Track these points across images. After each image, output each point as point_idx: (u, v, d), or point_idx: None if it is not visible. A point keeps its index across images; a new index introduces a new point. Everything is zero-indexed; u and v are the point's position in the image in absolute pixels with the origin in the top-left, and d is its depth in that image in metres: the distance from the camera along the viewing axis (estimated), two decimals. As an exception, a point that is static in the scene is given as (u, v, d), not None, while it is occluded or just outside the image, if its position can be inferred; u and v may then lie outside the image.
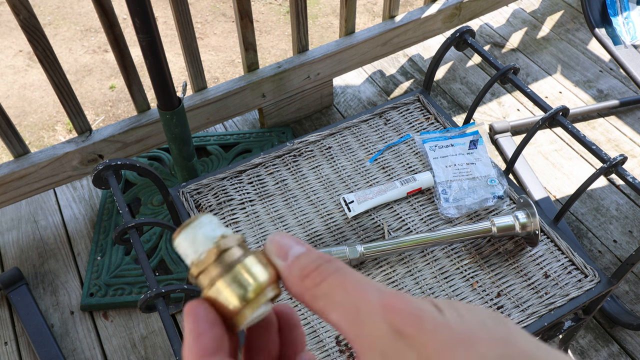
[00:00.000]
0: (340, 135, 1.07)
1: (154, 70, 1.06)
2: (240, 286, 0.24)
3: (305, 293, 0.23)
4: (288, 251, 0.24)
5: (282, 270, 0.24)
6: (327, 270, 0.22)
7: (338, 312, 0.21)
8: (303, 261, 0.23)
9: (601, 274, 0.86)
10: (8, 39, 2.21)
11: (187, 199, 0.97)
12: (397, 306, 0.20)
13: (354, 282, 0.21)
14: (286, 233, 0.26)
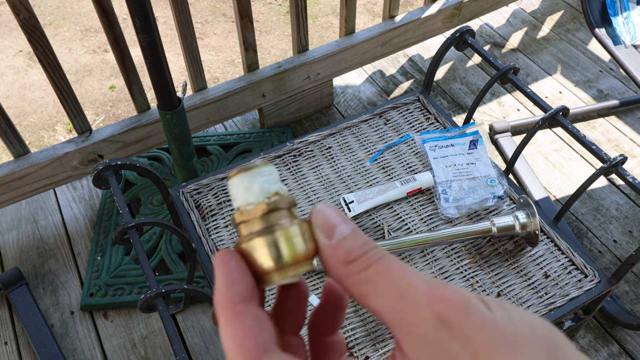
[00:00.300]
0: (340, 135, 1.07)
1: (154, 70, 1.06)
2: (276, 251, 0.23)
3: (347, 277, 0.22)
4: (334, 229, 0.23)
5: (325, 249, 0.23)
6: (374, 256, 0.22)
7: (381, 299, 0.21)
8: (350, 244, 0.22)
9: (601, 274, 0.86)
10: (8, 39, 2.21)
11: (187, 199, 0.97)
12: (445, 295, 0.19)
13: (400, 270, 0.21)
14: (333, 206, 0.24)
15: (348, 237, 0.22)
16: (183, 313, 1.25)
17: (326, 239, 0.23)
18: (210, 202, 0.97)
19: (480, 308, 0.19)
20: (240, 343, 0.21)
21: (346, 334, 0.82)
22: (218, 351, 1.19)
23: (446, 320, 0.19)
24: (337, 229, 0.23)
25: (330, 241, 0.23)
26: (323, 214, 0.23)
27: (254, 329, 0.21)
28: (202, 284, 1.25)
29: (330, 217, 0.23)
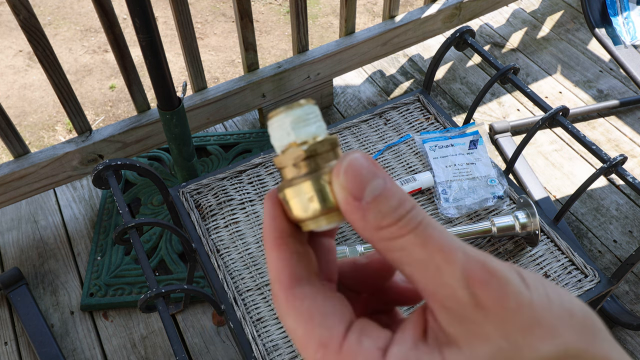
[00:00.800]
0: (340, 135, 1.07)
1: (154, 70, 1.06)
2: (306, 202, 0.22)
3: (379, 242, 0.20)
4: (365, 188, 0.20)
5: (352, 212, 0.21)
6: (410, 223, 0.20)
7: (414, 267, 0.20)
8: (383, 207, 0.20)
9: (601, 274, 0.86)
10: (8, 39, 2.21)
11: (187, 199, 0.97)
12: (482, 279, 0.18)
13: (437, 240, 0.19)
14: (363, 154, 0.21)
15: (380, 198, 0.20)
16: (183, 313, 1.25)
17: (354, 200, 0.20)
18: (210, 202, 0.97)
19: (518, 288, 0.18)
20: (276, 273, 0.22)
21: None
22: (218, 351, 1.20)
23: (482, 302, 0.18)
24: (369, 187, 0.20)
25: (359, 203, 0.20)
26: (352, 168, 0.21)
27: (290, 261, 0.22)
28: (202, 284, 1.25)
29: (360, 171, 0.21)
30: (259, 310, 0.85)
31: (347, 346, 0.20)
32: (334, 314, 0.21)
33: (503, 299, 0.18)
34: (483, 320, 0.18)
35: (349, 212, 0.21)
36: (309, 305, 0.21)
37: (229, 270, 0.89)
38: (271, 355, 0.80)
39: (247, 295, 0.86)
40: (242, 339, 0.81)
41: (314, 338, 0.20)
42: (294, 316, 0.21)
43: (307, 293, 0.21)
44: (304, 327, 0.21)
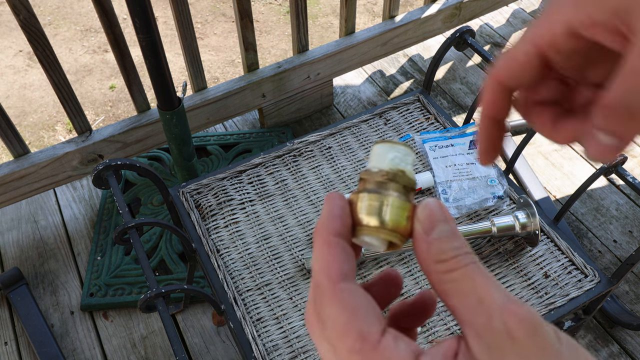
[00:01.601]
0: (340, 135, 1.07)
1: (154, 70, 1.06)
2: (378, 209, 0.26)
3: (434, 273, 0.24)
4: (435, 227, 0.24)
5: (420, 242, 0.24)
6: (463, 261, 0.23)
7: (459, 299, 0.22)
8: (444, 246, 0.24)
9: (601, 274, 0.86)
10: (8, 39, 2.21)
11: (187, 199, 0.97)
12: (518, 312, 0.21)
13: (484, 279, 0.22)
14: (441, 203, 0.26)
15: (444, 238, 0.24)
16: (183, 313, 1.25)
17: (425, 234, 0.24)
18: (210, 202, 0.97)
19: (549, 335, 0.21)
20: (326, 265, 0.24)
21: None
22: (218, 351, 1.20)
23: (512, 333, 0.20)
24: (437, 228, 0.24)
25: (427, 237, 0.24)
26: (429, 208, 0.25)
27: (340, 258, 0.24)
28: (202, 284, 1.25)
29: (434, 213, 0.25)
30: (259, 310, 0.85)
31: (384, 343, 0.22)
32: (374, 313, 0.23)
33: (533, 336, 0.20)
34: (510, 350, 0.20)
35: (417, 240, 0.25)
36: (355, 300, 0.23)
37: (229, 270, 0.89)
38: (271, 355, 0.80)
39: (247, 295, 0.86)
40: (242, 339, 0.81)
41: (355, 329, 0.22)
42: (339, 307, 0.23)
43: (352, 289, 0.23)
44: (346, 318, 0.22)
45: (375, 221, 0.25)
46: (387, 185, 0.26)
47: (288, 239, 0.92)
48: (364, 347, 0.22)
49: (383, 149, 0.27)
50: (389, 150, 0.27)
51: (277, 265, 0.89)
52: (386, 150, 0.27)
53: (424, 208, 0.25)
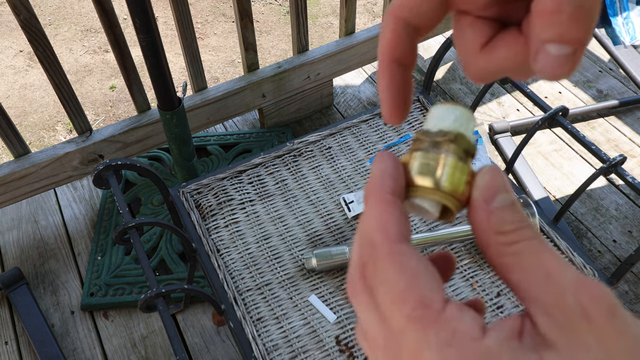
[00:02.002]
0: (340, 135, 1.07)
1: (154, 70, 1.07)
2: (432, 169, 0.23)
3: (493, 245, 0.22)
4: (496, 195, 0.22)
5: (479, 211, 0.22)
6: (527, 234, 0.21)
7: (522, 274, 0.21)
8: (506, 217, 0.22)
9: (601, 274, 0.87)
10: (8, 39, 2.21)
11: (187, 199, 0.97)
12: (595, 292, 0.19)
13: (550, 253, 0.20)
14: (501, 171, 0.23)
15: (506, 208, 0.22)
16: (183, 313, 1.25)
17: (484, 203, 0.22)
18: (210, 202, 0.97)
19: (627, 318, 0.19)
20: (384, 225, 0.22)
21: (345, 333, 0.82)
22: (218, 351, 1.20)
23: (589, 313, 0.19)
24: (499, 196, 0.22)
25: (487, 205, 0.22)
26: (490, 175, 0.23)
27: (399, 219, 0.22)
28: (202, 284, 1.25)
29: (495, 180, 0.22)
30: (259, 310, 0.85)
31: (449, 312, 0.20)
32: (436, 280, 0.21)
33: (612, 318, 0.19)
34: (586, 331, 0.19)
35: (475, 209, 0.22)
36: (416, 264, 0.21)
37: (229, 270, 0.89)
38: (271, 355, 0.80)
39: (247, 295, 0.86)
40: (242, 338, 0.81)
41: (416, 295, 0.20)
42: (398, 269, 0.21)
43: (412, 252, 0.21)
44: (406, 282, 0.20)
45: (429, 182, 0.23)
46: (446, 146, 0.23)
47: (288, 239, 0.93)
48: (426, 314, 0.20)
49: (444, 110, 0.25)
50: (451, 112, 0.24)
51: (277, 265, 0.90)
52: (448, 112, 0.24)
53: (485, 174, 0.23)
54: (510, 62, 0.23)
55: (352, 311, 0.84)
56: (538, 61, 0.21)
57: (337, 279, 0.88)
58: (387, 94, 0.24)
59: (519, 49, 0.23)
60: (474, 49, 0.24)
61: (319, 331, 0.82)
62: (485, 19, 0.24)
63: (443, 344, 0.19)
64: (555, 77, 0.21)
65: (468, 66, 0.24)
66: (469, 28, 0.24)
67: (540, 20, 0.20)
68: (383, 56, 0.24)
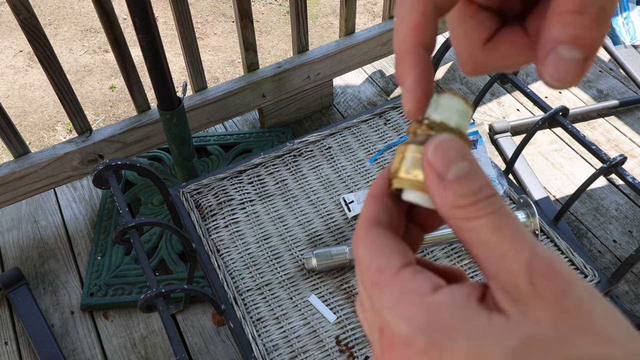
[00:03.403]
0: (340, 135, 1.07)
1: (154, 70, 1.07)
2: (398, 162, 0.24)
3: (452, 220, 0.21)
4: (450, 166, 0.21)
5: (433, 188, 0.21)
6: (485, 209, 0.20)
7: (481, 250, 0.20)
8: (462, 189, 0.20)
9: (601, 274, 0.86)
10: (8, 39, 2.21)
11: (187, 199, 0.97)
12: (545, 272, 0.19)
13: (509, 229, 0.20)
14: (455, 138, 0.22)
15: (462, 180, 0.21)
16: (183, 313, 1.25)
17: (437, 177, 0.21)
18: (210, 202, 0.97)
19: (582, 294, 0.19)
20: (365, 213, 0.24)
21: (346, 333, 0.82)
22: (218, 351, 1.20)
23: (541, 293, 0.19)
24: (453, 167, 0.21)
25: (441, 180, 0.21)
26: (441, 146, 0.22)
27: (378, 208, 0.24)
28: (202, 284, 1.25)
29: (447, 150, 0.21)
30: (259, 310, 0.85)
31: (402, 274, 0.21)
32: (397, 251, 0.22)
33: (562, 296, 0.19)
34: (538, 307, 0.19)
35: (430, 187, 0.22)
36: (380, 241, 0.23)
37: (229, 270, 0.89)
38: (271, 355, 0.80)
39: (247, 295, 0.86)
40: (242, 339, 0.81)
41: (375, 264, 0.22)
42: (366, 247, 0.23)
43: (381, 233, 0.23)
44: (370, 256, 0.22)
45: (413, 174, 0.23)
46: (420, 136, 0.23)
47: (288, 239, 0.92)
48: (381, 278, 0.21)
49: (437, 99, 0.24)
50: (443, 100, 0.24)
51: (277, 265, 0.90)
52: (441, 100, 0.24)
53: (434, 146, 0.22)
54: (512, 60, 0.23)
55: (352, 311, 0.84)
56: (547, 64, 0.20)
57: (337, 279, 0.88)
58: (418, 84, 0.23)
59: (522, 49, 0.22)
60: (477, 44, 0.23)
61: (319, 331, 0.82)
62: (488, 12, 0.23)
63: (394, 302, 0.21)
64: (561, 82, 0.20)
65: (467, 60, 0.24)
66: (471, 20, 0.23)
67: (559, 20, 0.20)
68: (409, 40, 0.23)
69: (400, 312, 0.20)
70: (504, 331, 0.19)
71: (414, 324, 0.20)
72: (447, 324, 0.19)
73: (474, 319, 0.19)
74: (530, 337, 0.19)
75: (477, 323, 0.19)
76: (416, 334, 0.20)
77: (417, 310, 0.20)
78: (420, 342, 0.20)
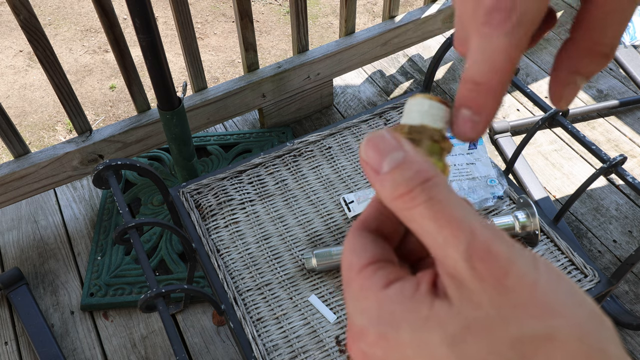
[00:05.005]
0: (340, 135, 1.07)
1: (154, 70, 1.07)
2: None
3: (396, 212, 0.21)
4: (383, 159, 0.21)
5: (373, 183, 0.22)
6: (419, 197, 0.20)
7: (426, 239, 0.21)
8: (397, 178, 0.21)
9: (601, 274, 0.86)
10: (8, 39, 2.21)
11: (187, 199, 0.97)
12: (483, 256, 0.19)
13: (446, 215, 0.20)
14: (389, 131, 0.22)
15: (396, 170, 0.21)
16: (183, 313, 1.25)
17: (373, 173, 0.21)
18: (210, 202, 0.97)
19: (523, 269, 0.19)
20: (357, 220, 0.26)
21: (346, 333, 0.82)
22: (218, 351, 1.20)
23: (481, 275, 0.19)
24: (386, 159, 0.21)
25: (377, 175, 0.21)
26: (371, 142, 0.22)
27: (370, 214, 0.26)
28: (202, 284, 1.25)
29: (378, 143, 0.22)
30: (259, 310, 0.85)
31: (364, 272, 0.23)
32: (369, 250, 0.24)
33: (502, 276, 0.19)
34: (479, 290, 0.19)
35: (371, 183, 0.22)
36: (357, 241, 0.24)
37: (229, 270, 0.89)
38: (271, 355, 0.80)
39: (247, 295, 0.86)
40: (242, 339, 0.81)
41: (346, 262, 0.24)
42: (345, 247, 0.25)
43: (363, 235, 0.24)
44: (345, 255, 0.24)
45: None
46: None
47: (288, 239, 0.92)
48: (348, 275, 0.23)
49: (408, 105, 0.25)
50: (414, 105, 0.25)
51: (277, 265, 0.90)
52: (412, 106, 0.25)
53: (365, 143, 0.22)
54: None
55: (352, 311, 0.84)
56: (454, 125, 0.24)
57: (337, 279, 0.88)
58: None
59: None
60: None
61: (319, 331, 0.82)
62: None
63: (354, 297, 0.22)
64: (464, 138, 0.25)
65: None
66: None
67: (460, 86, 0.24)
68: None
69: (357, 307, 0.22)
70: (445, 318, 0.20)
71: (366, 317, 0.21)
72: (392, 316, 0.21)
73: (417, 309, 0.20)
74: (470, 321, 0.19)
75: (419, 313, 0.20)
76: (368, 326, 0.21)
77: (369, 305, 0.21)
78: (371, 334, 0.21)
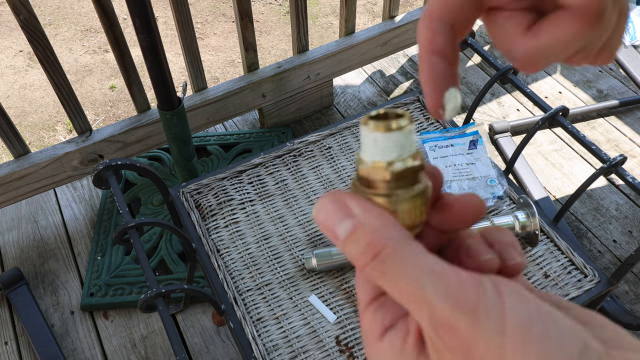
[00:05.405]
0: (340, 135, 1.07)
1: (154, 70, 1.07)
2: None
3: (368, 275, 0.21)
4: (336, 230, 0.21)
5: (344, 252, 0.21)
6: (376, 271, 0.20)
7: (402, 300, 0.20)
8: (352, 251, 0.21)
9: (601, 274, 0.86)
10: (8, 39, 2.21)
11: (187, 199, 0.97)
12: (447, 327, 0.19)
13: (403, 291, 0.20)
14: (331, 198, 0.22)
15: (348, 240, 0.21)
16: (183, 313, 1.25)
17: (335, 239, 0.21)
18: (210, 202, 0.97)
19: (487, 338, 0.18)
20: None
21: (345, 334, 0.82)
22: (218, 351, 1.20)
23: (449, 348, 0.19)
24: (338, 230, 0.21)
25: (337, 240, 0.21)
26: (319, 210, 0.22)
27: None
28: (202, 284, 1.25)
29: (324, 217, 0.21)
30: (259, 310, 0.85)
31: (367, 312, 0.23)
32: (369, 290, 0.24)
33: (467, 348, 0.19)
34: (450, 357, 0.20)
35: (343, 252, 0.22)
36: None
37: (229, 270, 0.89)
38: (271, 355, 0.80)
39: (247, 295, 0.86)
40: (242, 339, 0.81)
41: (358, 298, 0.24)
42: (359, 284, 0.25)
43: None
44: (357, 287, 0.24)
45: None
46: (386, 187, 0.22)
47: (288, 239, 0.92)
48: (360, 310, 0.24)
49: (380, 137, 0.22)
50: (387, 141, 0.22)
51: (277, 265, 0.90)
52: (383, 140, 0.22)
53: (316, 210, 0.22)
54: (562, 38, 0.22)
55: (352, 311, 0.84)
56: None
57: (337, 279, 0.88)
58: (430, 85, 0.24)
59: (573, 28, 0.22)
60: (518, 32, 0.23)
61: (319, 331, 0.82)
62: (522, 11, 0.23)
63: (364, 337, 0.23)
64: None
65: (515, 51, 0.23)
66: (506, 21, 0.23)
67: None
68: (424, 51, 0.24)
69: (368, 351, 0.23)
70: None
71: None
72: None
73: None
74: None
75: None
76: None
77: (371, 353, 0.23)
78: None
